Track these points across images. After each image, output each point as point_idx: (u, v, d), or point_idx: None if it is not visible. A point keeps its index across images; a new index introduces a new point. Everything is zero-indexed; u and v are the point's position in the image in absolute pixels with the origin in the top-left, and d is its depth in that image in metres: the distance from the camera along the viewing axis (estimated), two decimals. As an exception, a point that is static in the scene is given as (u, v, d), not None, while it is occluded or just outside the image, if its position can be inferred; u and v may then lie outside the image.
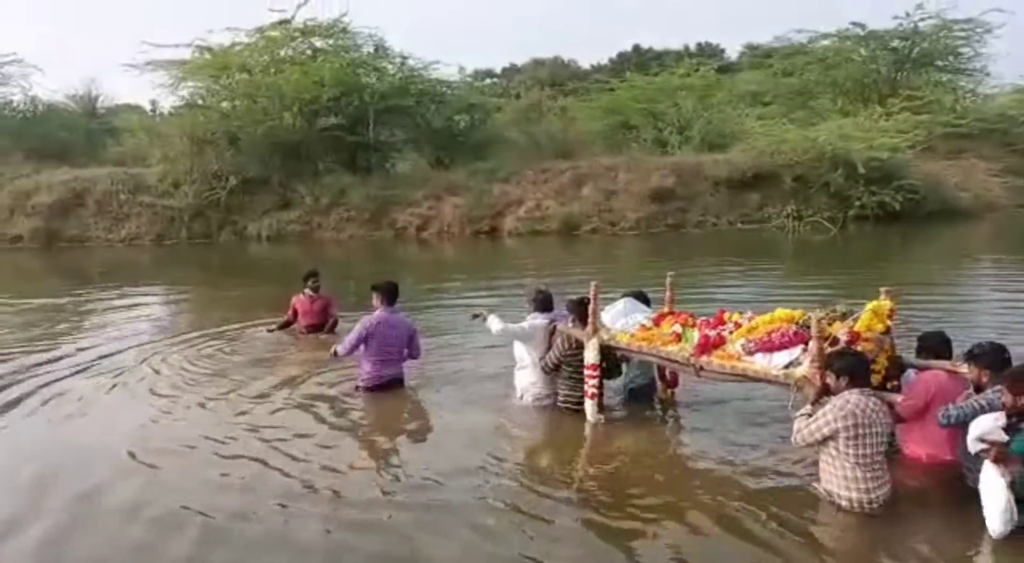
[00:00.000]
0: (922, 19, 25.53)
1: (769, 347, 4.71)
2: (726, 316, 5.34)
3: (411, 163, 25.98)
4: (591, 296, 5.61)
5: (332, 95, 22.25)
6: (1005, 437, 3.90)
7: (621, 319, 5.77)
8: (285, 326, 8.98)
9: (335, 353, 6.76)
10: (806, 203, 20.94)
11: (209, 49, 23.66)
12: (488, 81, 40.61)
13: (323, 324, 8.89)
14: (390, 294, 6.81)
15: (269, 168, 22.21)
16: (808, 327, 4.59)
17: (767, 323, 4.95)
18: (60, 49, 69.14)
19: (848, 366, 4.27)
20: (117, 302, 12.19)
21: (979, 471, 3.99)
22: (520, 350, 6.22)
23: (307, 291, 8.99)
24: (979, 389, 4.42)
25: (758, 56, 32.58)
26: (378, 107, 22.96)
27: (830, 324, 4.74)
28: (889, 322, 4.85)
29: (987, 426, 3.96)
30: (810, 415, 4.29)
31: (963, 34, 25.87)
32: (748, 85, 29.08)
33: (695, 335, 5.19)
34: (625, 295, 6.14)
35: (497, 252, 19.41)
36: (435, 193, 22.05)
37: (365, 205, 21.57)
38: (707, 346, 5.01)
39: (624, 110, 26.22)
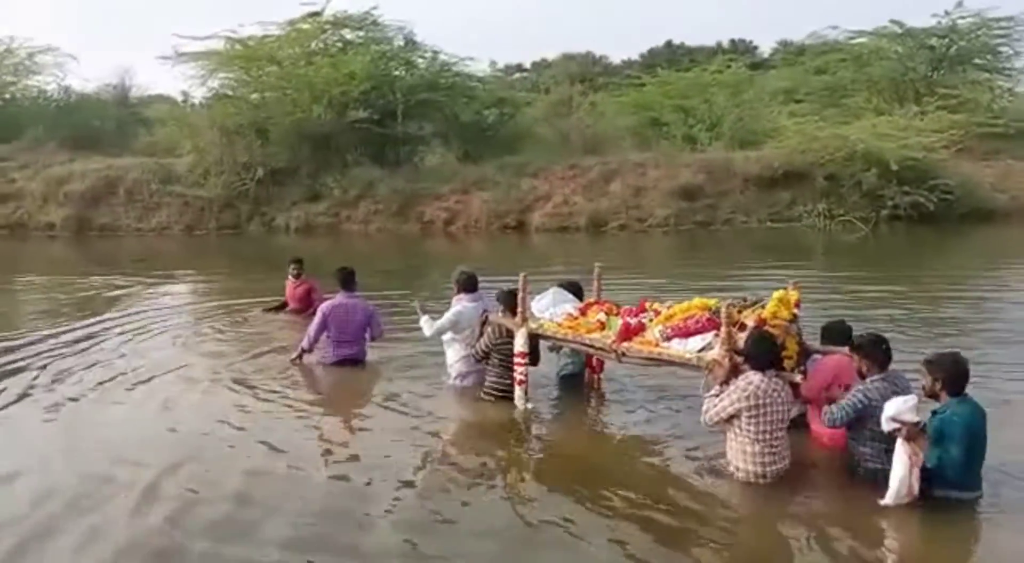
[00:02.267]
0: (961, 17, 25.05)
1: (684, 333, 5.08)
2: (647, 305, 5.70)
3: (439, 157, 25.96)
4: (520, 287, 5.86)
5: (362, 88, 22.24)
6: (916, 418, 4.26)
7: (550, 309, 6.04)
8: (280, 308, 9.77)
9: (301, 352, 7.33)
10: (838, 202, 20.59)
11: (240, 41, 23.73)
12: (518, 75, 40.52)
13: (306, 308, 9.26)
14: (347, 280, 7.41)
15: (298, 160, 22.30)
16: (720, 313, 4.91)
17: (684, 311, 5.30)
18: (95, 39, 69.95)
19: (758, 349, 4.66)
20: (147, 290, 12.45)
21: (868, 458, 4.59)
22: (445, 337, 6.61)
23: (290, 277, 9.65)
24: (862, 376, 4.78)
25: (791, 53, 32.15)
26: (408, 101, 22.95)
27: (740, 312, 5.11)
28: (796, 311, 5.25)
29: (899, 407, 4.30)
30: (718, 395, 4.67)
31: (1003, 32, 25.34)
32: (780, 82, 28.65)
33: (618, 323, 5.49)
34: (559, 285, 6.39)
35: (523, 247, 19.34)
36: (463, 187, 22.01)
37: (393, 198, 21.57)
38: (628, 333, 5.34)
39: (654, 106, 25.98)
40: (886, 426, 4.35)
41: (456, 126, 24.68)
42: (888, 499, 4.27)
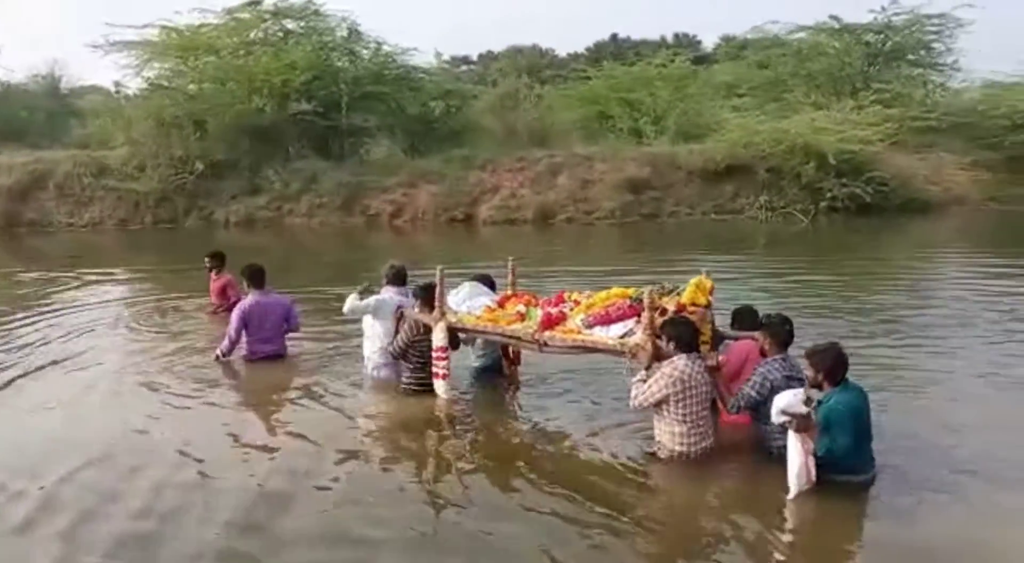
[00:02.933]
0: (896, 14, 25.69)
1: (606, 320, 5.17)
2: (566, 295, 5.78)
3: (385, 149, 25.61)
4: (437, 281, 5.86)
5: (304, 79, 21.80)
6: (806, 410, 4.39)
7: (466, 302, 6.04)
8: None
9: (220, 355, 7.24)
10: (779, 194, 20.98)
11: (176, 30, 23.02)
12: (464, 68, 40.25)
13: (222, 304, 9.14)
14: (256, 278, 7.37)
15: (238, 152, 21.74)
16: (641, 301, 5.05)
17: (604, 299, 5.40)
18: (21, 28, 67.20)
19: (678, 332, 4.79)
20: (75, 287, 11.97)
21: (776, 437, 4.69)
22: (366, 321, 6.64)
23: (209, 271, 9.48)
24: (763, 354, 5.03)
25: (734, 47, 32.61)
26: (352, 92, 22.56)
27: (660, 298, 5.22)
28: (710, 297, 5.37)
29: (789, 401, 4.43)
30: (644, 380, 4.79)
31: (935, 29, 26.03)
32: (723, 76, 29.04)
33: (538, 313, 5.57)
34: (474, 278, 6.45)
35: (471, 240, 19.21)
36: (409, 180, 21.75)
37: (337, 191, 21.20)
38: (550, 322, 5.41)
39: (601, 99, 26.06)
40: (776, 419, 4.49)
41: (402, 118, 24.38)
42: (792, 492, 4.40)
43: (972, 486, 4.69)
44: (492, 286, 6.47)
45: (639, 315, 5.05)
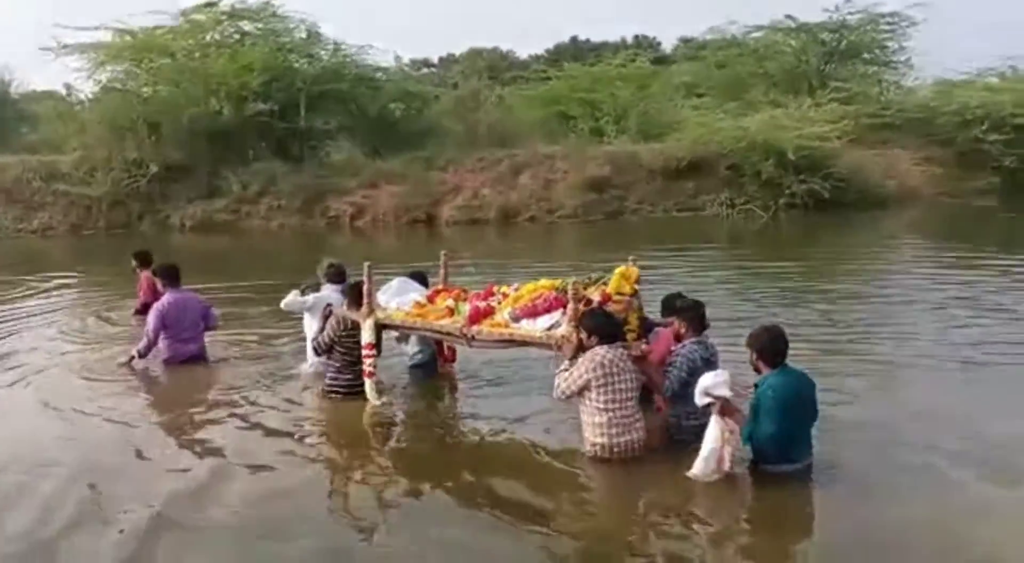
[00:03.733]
0: (850, 13, 26.11)
1: (533, 313, 5.14)
2: (495, 288, 5.71)
3: (345, 152, 25.33)
4: (365, 277, 5.78)
5: (262, 81, 21.46)
6: (729, 392, 4.39)
7: (395, 298, 5.97)
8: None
9: (137, 355, 7.03)
10: (739, 191, 21.17)
11: (130, 32, 22.52)
12: (425, 70, 40.06)
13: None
14: (172, 276, 7.26)
15: (194, 155, 21.31)
16: (566, 292, 5.00)
17: (531, 292, 5.37)
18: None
19: (596, 324, 4.75)
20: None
21: (690, 416, 4.77)
22: (306, 319, 6.67)
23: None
24: (679, 339, 5.07)
25: (692, 48, 32.86)
26: (310, 93, 22.26)
27: (585, 288, 5.22)
28: (636, 286, 5.39)
29: (713, 381, 4.40)
30: (568, 370, 4.73)
31: (889, 27, 26.53)
32: (683, 76, 29.22)
33: (467, 308, 5.49)
34: (410, 275, 6.44)
35: (433, 241, 18.97)
36: (370, 181, 21.52)
37: (297, 193, 20.88)
38: (477, 316, 5.37)
39: (562, 100, 26.13)
40: (699, 400, 4.45)
41: (362, 120, 24.14)
42: (695, 470, 4.33)
43: (921, 471, 4.64)
44: (424, 282, 6.41)
45: (565, 306, 5.00)
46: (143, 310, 8.48)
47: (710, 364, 4.86)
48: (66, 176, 20.86)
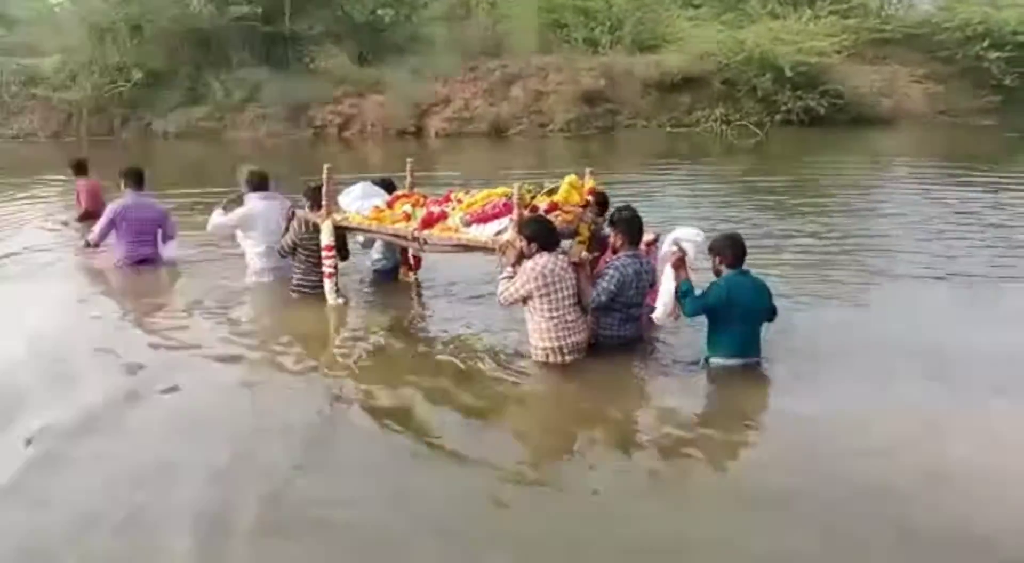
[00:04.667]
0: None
1: (483, 218, 5.20)
2: (453, 195, 5.75)
3: (333, 59, 24.58)
4: (324, 180, 5.80)
5: (244, -20, 20.67)
6: (692, 253, 4.77)
7: (357, 202, 5.98)
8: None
9: (87, 243, 7.24)
10: (734, 107, 20.88)
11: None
12: (414, -25, 38.54)
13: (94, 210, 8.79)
14: (136, 179, 7.29)
15: (176, 60, 20.72)
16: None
17: (484, 198, 5.42)
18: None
19: (534, 230, 4.80)
20: None
21: (610, 327, 5.00)
22: (238, 235, 6.66)
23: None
24: (615, 250, 5.13)
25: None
26: (295, -5, 21.48)
27: (534, 197, 5.31)
28: (589, 197, 5.52)
29: (688, 233, 4.82)
30: (511, 277, 4.83)
31: (893, -63, 25.63)
32: (681, -15, 28.28)
33: (423, 213, 5.56)
34: (378, 181, 6.41)
35: (423, 153, 18.73)
36: (357, 91, 21.05)
37: (282, 101, 20.41)
38: (431, 221, 5.44)
39: (556, 8, 25.24)
40: (667, 246, 4.83)
41: (349, 26, 23.27)
42: (657, 314, 4.85)
43: (867, 374, 4.84)
44: (391, 189, 6.37)
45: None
46: (87, 217, 8.64)
47: (643, 274, 5.01)
48: (46, 80, 20.29)
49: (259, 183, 6.68)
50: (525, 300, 4.80)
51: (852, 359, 5.05)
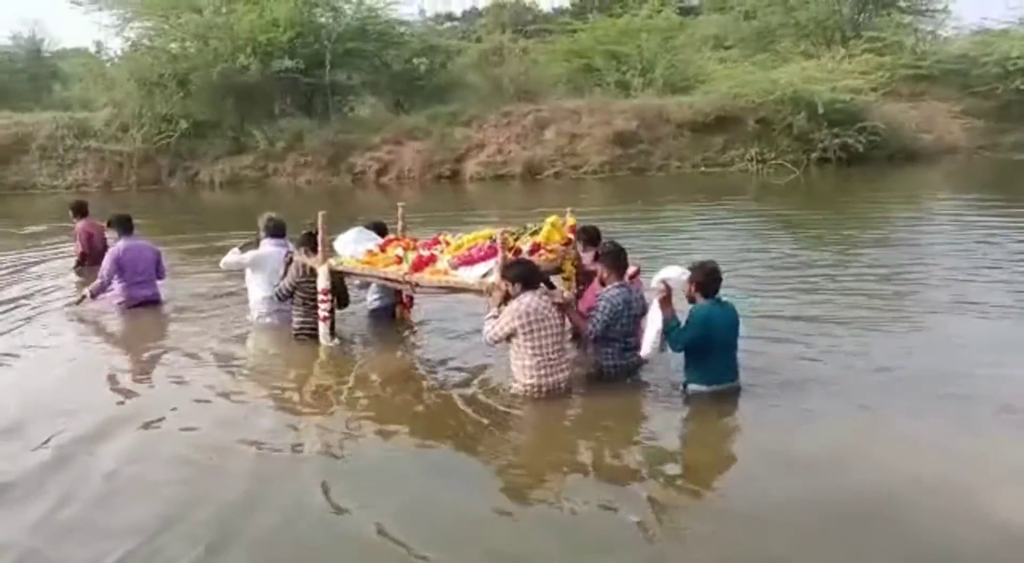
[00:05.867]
0: (886, -40, 25.29)
1: (469, 261, 5.41)
2: (441, 238, 5.97)
3: (370, 107, 25.29)
4: (319, 226, 5.99)
5: (288, 36, 21.44)
6: (678, 288, 4.94)
7: (351, 246, 6.22)
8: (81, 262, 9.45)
9: (86, 296, 7.45)
10: (769, 146, 20.84)
11: (157, -13, 22.56)
12: (448, 25, 39.62)
13: (88, 252, 9.23)
14: (124, 225, 7.69)
15: (222, 112, 21.47)
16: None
17: (470, 241, 5.64)
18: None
19: (518, 273, 4.98)
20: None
21: (608, 356, 5.17)
22: (247, 274, 6.95)
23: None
24: (603, 283, 5.29)
25: (719, -1, 32.06)
26: (335, 48, 22.20)
27: (517, 239, 5.53)
28: (570, 236, 5.71)
29: (674, 273, 4.97)
30: (496, 317, 4.99)
31: (925, -25, 25.70)
32: (710, 28, 28.67)
33: (413, 257, 5.77)
34: (370, 225, 6.63)
35: (458, 197, 19.07)
36: (395, 137, 21.54)
37: (322, 149, 21.01)
38: (421, 265, 5.66)
39: (587, 53, 25.71)
40: (655, 283, 4.97)
41: (386, 75, 24.02)
42: (645, 350, 5.01)
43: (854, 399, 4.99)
44: (383, 232, 6.62)
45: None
46: (83, 261, 9.09)
47: (632, 304, 5.16)
48: (98, 133, 21.16)
49: (275, 230, 6.97)
50: (510, 338, 4.94)
51: (841, 383, 5.19)
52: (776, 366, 5.48)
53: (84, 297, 7.47)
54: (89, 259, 9.09)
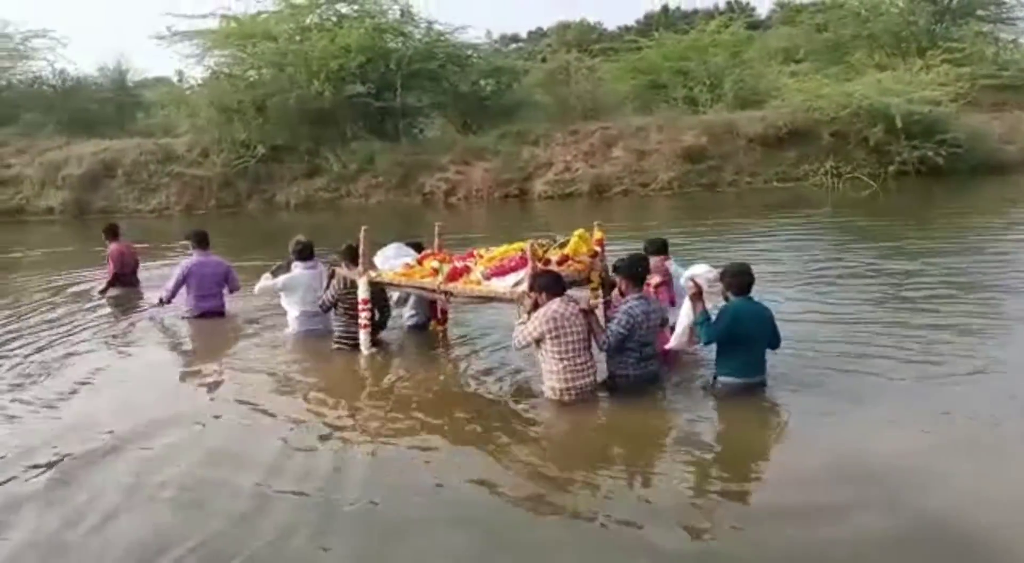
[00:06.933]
0: (964, -33, 24.59)
1: (501, 272, 5.71)
2: (476, 252, 6.27)
3: (439, 128, 25.68)
4: (359, 241, 6.43)
5: (359, 61, 21.97)
6: (706, 286, 5.21)
7: (390, 261, 6.62)
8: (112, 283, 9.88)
9: (160, 300, 8.12)
10: (845, 159, 20.33)
11: (235, 18, 23.46)
12: (514, 46, 40.02)
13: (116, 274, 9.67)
14: (200, 240, 8.31)
15: (297, 136, 22.06)
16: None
17: (502, 253, 5.92)
18: (86, 22, 69.15)
19: (545, 283, 5.28)
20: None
21: (628, 365, 5.30)
22: (282, 297, 7.38)
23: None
24: (622, 294, 5.48)
25: (790, 12, 31.66)
26: (405, 72, 22.65)
27: (546, 251, 5.84)
28: (597, 248, 6.05)
29: (701, 271, 5.27)
30: (524, 324, 5.27)
31: (1006, -19, 24.87)
32: (780, 41, 28.29)
33: (448, 268, 6.07)
34: (408, 243, 6.99)
35: (526, 215, 19.13)
36: (463, 157, 21.79)
37: (393, 171, 21.39)
38: (455, 275, 5.98)
39: (653, 69, 25.64)
40: (683, 281, 5.31)
41: (454, 97, 24.34)
42: (673, 344, 5.39)
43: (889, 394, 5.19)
44: (419, 249, 6.94)
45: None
46: (113, 283, 9.58)
47: (651, 314, 5.31)
48: (179, 158, 21.99)
49: (302, 253, 7.34)
50: (538, 343, 5.20)
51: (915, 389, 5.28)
52: (845, 367, 5.66)
53: (160, 302, 8.15)
54: (120, 281, 9.63)
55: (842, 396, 5.17)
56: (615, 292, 5.73)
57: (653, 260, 5.97)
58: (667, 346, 5.35)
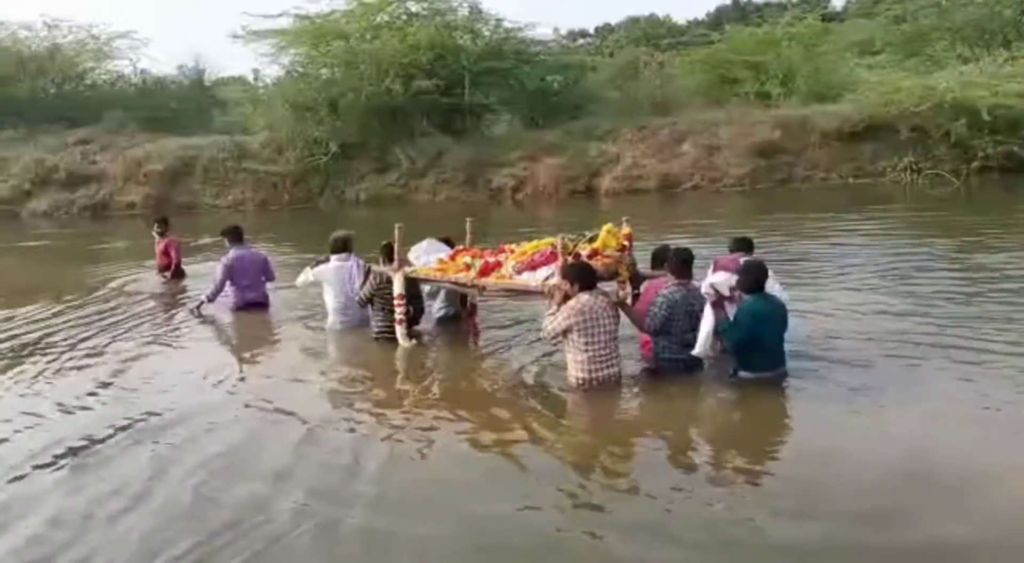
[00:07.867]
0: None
1: (532, 266, 5.90)
2: (507, 247, 6.46)
3: (507, 124, 25.78)
4: (395, 238, 6.70)
5: (428, 58, 22.20)
6: (727, 293, 5.41)
7: (424, 257, 6.87)
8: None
9: (205, 300, 8.44)
10: (925, 155, 19.65)
11: (308, 17, 23.98)
12: (582, 41, 39.85)
13: (166, 265, 10.47)
14: (235, 235, 8.67)
15: (367, 133, 22.44)
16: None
17: (532, 248, 6.10)
18: (166, 23, 71.54)
19: (575, 273, 5.42)
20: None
21: (666, 348, 5.59)
22: (323, 287, 7.65)
23: (155, 235, 10.69)
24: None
25: (866, 4, 30.73)
26: (473, 69, 22.81)
27: (576, 245, 5.99)
28: (625, 242, 6.17)
29: (722, 278, 5.46)
30: (554, 315, 5.42)
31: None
32: (856, 34, 27.45)
33: (480, 263, 6.29)
34: (440, 239, 7.20)
35: (593, 211, 19.00)
36: (530, 154, 21.82)
37: (461, 167, 21.57)
38: (487, 270, 6.20)
39: (724, 63, 25.16)
40: (704, 288, 5.48)
41: (522, 93, 24.39)
42: (697, 349, 5.43)
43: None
44: (451, 246, 7.17)
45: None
46: (165, 270, 10.42)
47: (691, 302, 5.52)
48: (254, 155, 22.60)
49: (337, 247, 7.63)
50: (566, 334, 5.36)
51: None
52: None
53: (203, 302, 8.48)
54: (166, 271, 10.40)
55: (900, 387, 5.29)
56: (644, 284, 6.00)
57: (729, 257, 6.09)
58: (692, 352, 5.47)
